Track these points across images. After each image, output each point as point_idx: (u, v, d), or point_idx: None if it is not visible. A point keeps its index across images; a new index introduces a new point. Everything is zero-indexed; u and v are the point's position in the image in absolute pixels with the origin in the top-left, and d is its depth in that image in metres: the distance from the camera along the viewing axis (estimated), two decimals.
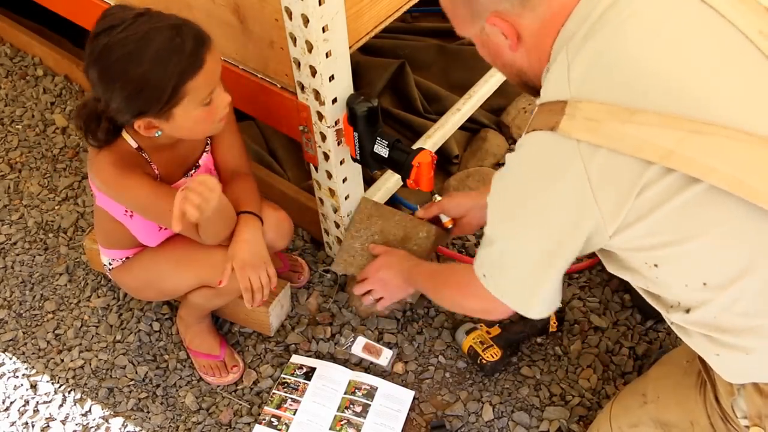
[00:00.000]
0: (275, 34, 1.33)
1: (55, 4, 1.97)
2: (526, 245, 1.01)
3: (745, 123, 0.83)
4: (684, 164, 0.82)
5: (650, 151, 0.83)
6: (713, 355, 0.99)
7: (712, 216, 0.85)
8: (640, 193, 0.86)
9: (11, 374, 1.66)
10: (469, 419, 1.52)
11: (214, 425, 1.55)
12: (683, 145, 0.82)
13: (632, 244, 0.93)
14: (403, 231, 1.61)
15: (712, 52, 0.87)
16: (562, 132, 0.87)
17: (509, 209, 1.02)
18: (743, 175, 0.81)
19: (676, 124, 0.83)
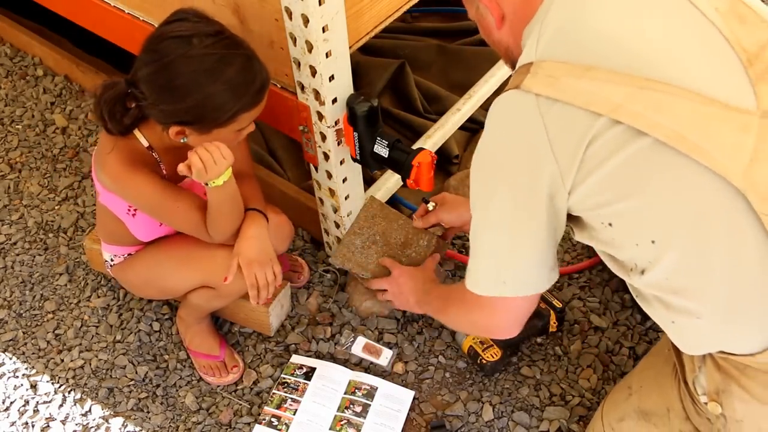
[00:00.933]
0: (275, 34, 1.33)
1: (55, 4, 1.97)
2: (497, 209, 1.03)
3: (692, 83, 0.88)
4: (630, 117, 0.87)
5: (600, 104, 0.88)
6: (670, 323, 1.03)
7: (656, 171, 0.90)
8: (590, 144, 0.90)
9: (11, 374, 1.66)
10: (469, 419, 1.52)
11: (214, 425, 1.55)
12: (631, 100, 0.87)
13: (587, 202, 0.97)
14: (405, 236, 1.62)
15: (665, 21, 0.94)
16: (524, 88, 0.94)
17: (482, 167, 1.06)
18: (686, 131, 0.86)
19: (625, 80, 0.88)
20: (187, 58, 1.19)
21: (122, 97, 1.27)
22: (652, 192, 0.91)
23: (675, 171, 0.89)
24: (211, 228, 1.36)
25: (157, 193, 1.32)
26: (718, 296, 0.95)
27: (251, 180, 1.50)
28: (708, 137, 0.87)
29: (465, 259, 1.77)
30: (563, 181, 0.95)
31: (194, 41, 1.19)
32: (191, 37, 1.19)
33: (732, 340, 1.00)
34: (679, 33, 0.94)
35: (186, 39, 1.19)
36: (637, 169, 0.90)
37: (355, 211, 1.66)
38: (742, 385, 1.02)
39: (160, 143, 1.35)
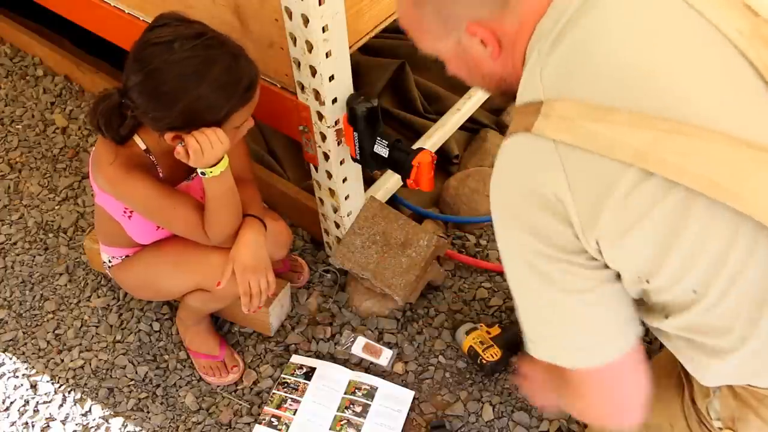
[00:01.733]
0: (275, 34, 1.33)
1: (55, 4, 1.97)
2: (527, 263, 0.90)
3: (721, 123, 0.80)
4: (658, 165, 0.79)
5: (624, 152, 0.80)
6: (689, 360, 0.96)
7: (694, 223, 0.82)
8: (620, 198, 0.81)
9: (11, 374, 1.66)
10: (469, 419, 1.52)
11: (214, 425, 1.55)
12: (657, 146, 0.79)
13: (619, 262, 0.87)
14: (405, 236, 1.62)
15: (688, 50, 0.85)
16: (537, 132, 0.84)
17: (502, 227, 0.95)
18: (719, 177, 0.79)
19: (650, 123, 0.80)
20: (170, 63, 1.18)
21: (117, 108, 1.27)
22: (692, 245, 0.83)
23: (714, 221, 0.81)
24: (209, 227, 1.36)
25: (153, 196, 1.32)
26: (749, 337, 0.88)
27: (251, 185, 1.49)
28: (743, 182, 0.79)
29: (465, 259, 1.77)
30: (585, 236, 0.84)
31: (176, 46, 1.18)
32: (173, 42, 1.18)
33: (758, 377, 0.94)
34: (704, 63, 0.84)
35: (167, 44, 1.18)
36: (674, 224, 0.82)
37: (355, 211, 1.66)
38: (760, 415, 0.98)
39: (157, 147, 1.35)
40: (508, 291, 1.73)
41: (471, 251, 1.81)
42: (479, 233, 1.85)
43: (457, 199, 1.87)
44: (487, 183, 1.86)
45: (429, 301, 1.72)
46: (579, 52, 0.85)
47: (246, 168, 1.50)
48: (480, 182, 1.87)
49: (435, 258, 1.66)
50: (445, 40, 0.94)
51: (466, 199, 1.85)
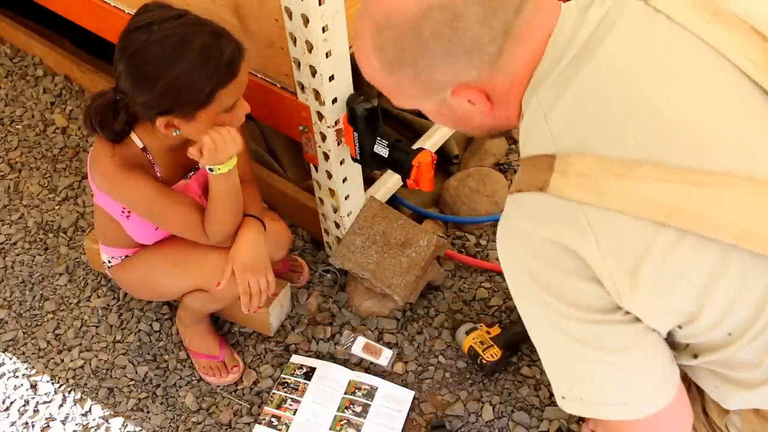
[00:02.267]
0: (275, 34, 1.33)
1: (55, 4, 1.97)
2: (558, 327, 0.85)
3: (747, 168, 0.76)
4: (691, 221, 0.75)
5: (654, 210, 0.75)
6: (713, 388, 0.94)
7: (731, 276, 0.78)
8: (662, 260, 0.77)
9: (11, 374, 1.66)
10: (469, 419, 1.52)
11: (214, 425, 1.55)
12: (688, 200, 0.75)
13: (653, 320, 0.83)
14: (405, 236, 1.62)
15: (703, 89, 0.79)
16: (555, 192, 0.78)
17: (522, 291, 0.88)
18: (754, 226, 0.75)
19: (677, 176, 0.75)
20: (149, 43, 1.18)
21: (112, 105, 1.27)
22: (731, 294, 0.79)
23: (753, 269, 0.78)
24: (209, 224, 1.36)
25: (152, 196, 1.32)
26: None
27: (251, 185, 1.49)
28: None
29: (464, 259, 1.77)
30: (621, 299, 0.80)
31: (154, 27, 1.19)
32: (151, 24, 1.19)
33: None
34: (721, 102, 0.79)
35: (147, 27, 1.19)
36: (714, 276, 0.78)
37: (355, 211, 1.66)
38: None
39: (155, 144, 1.35)
40: (508, 291, 1.73)
41: (471, 251, 1.81)
42: (479, 233, 1.85)
43: (457, 199, 1.87)
44: (487, 183, 1.86)
45: (429, 301, 1.72)
46: (589, 97, 0.80)
47: (246, 168, 1.50)
48: (480, 182, 1.87)
49: (435, 258, 1.66)
50: (427, 101, 0.88)
51: (466, 199, 1.85)
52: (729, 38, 0.80)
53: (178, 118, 1.24)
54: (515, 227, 0.84)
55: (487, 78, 0.83)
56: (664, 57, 0.80)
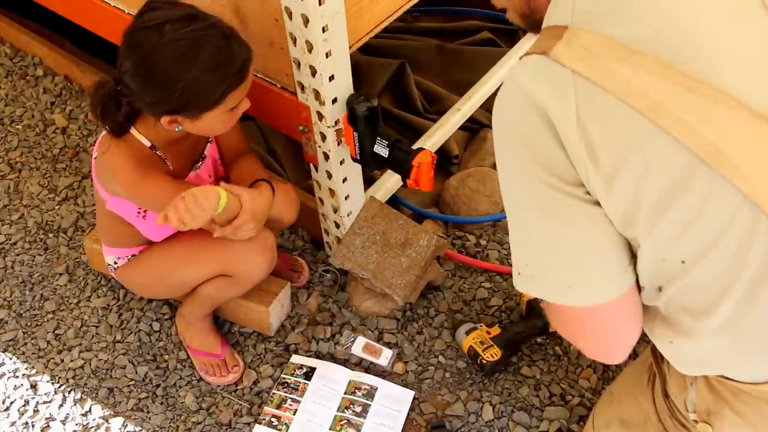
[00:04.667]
0: (275, 34, 1.33)
1: (55, 4, 1.97)
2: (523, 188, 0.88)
3: (742, 91, 0.76)
4: (668, 121, 0.76)
5: (638, 98, 0.76)
6: (667, 343, 0.94)
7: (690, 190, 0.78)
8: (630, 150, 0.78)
9: (11, 374, 1.66)
10: (469, 419, 1.52)
11: (214, 425, 1.55)
12: (674, 101, 0.76)
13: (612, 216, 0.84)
14: (405, 236, 1.62)
15: (721, 4, 0.80)
16: (555, 56, 0.80)
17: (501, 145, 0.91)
18: (727, 147, 0.75)
19: (673, 76, 0.76)
20: (161, 46, 1.18)
21: (113, 95, 1.27)
22: (687, 215, 0.80)
23: (713, 195, 0.77)
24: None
25: (170, 194, 1.31)
26: (731, 321, 0.86)
27: (251, 156, 1.51)
28: (750, 158, 0.76)
29: (464, 259, 1.77)
30: (589, 177, 0.82)
31: (166, 28, 1.18)
32: (163, 25, 1.18)
33: (736, 367, 0.92)
34: (735, 21, 0.80)
35: (158, 27, 1.18)
36: (674, 189, 0.78)
37: (355, 211, 1.66)
38: (735, 410, 0.96)
39: (160, 138, 1.35)
40: (508, 291, 1.73)
41: (471, 251, 1.81)
42: (479, 233, 1.85)
43: (457, 199, 1.87)
44: (488, 183, 1.86)
45: (429, 301, 1.72)
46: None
47: (243, 143, 1.52)
48: (480, 182, 1.87)
49: (435, 258, 1.66)
50: None
51: (466, 199, 1.85)
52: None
53: (182, 117, 1.26)
54: (512, 82, 0.86)
55: None
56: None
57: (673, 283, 0.86)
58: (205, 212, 1.20)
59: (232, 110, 1.29)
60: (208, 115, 1.26)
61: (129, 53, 1.21)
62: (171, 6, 1.23)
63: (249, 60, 1.25)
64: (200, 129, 1.31)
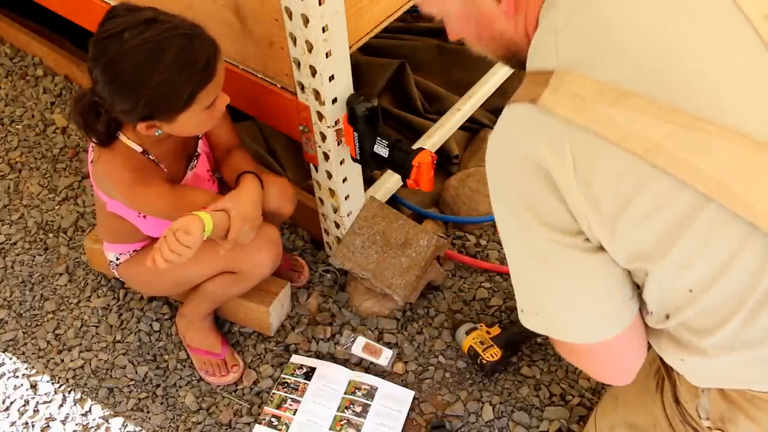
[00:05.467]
0: (275, 34, 1.33)
1: (55, 4, 1.97)
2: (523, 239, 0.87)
3: (743, 123, 0.75)
4: (668, 161, 0.75)
5: (635, 142, 0.75)
6: (678, 361, 0.94)
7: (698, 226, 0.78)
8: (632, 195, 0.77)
9: (11, 374, 1.66)
10: (469, 419, 1.52)
11: (214, 425, 1.55)
12: (671, 140, 0.74)
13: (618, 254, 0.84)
14: (405, 236, 1.62)
15: (712, 38, 0.79)
16: (544, 105, 0.78)
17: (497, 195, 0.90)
18: (731, 181, 0.74)
19: (667, 115, 0.75)
20: (122, 54, 1.17)
21: (92, 106, 1.27)
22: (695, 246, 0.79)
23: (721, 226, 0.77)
24: None
25: (170, 201, 1.33)
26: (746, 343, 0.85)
27: (241, 150, 1.50)
28: (753, 188, 0.74)
29: (464, 259, 1.77)
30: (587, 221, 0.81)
31: (125, 35, 1.17)
32: (122, 33, 1.18)
33: (751, 380, 0.92)
34: (728, 54, 0.78)
35: (118, 35, 1.18)
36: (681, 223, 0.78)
37: (355, 211, 1.66)
38: (750, 416, 0.96)
39: (149, 142, 1.35)
40: (508, 291, 1.73)
41: (471, 251, 1.81)
42: (479, 233, 1.85)
43: (457, 199, 1.87)
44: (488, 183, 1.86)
45: (429, 301, 1.72)
46: (602, 25, 0.79)
47: (234, 137, 1.51)
48: (480, 182, 1.87)
49: (435, 258, 1.66)
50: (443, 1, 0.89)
51: (466, 199, 1.85)
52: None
53: (159, 122, 1.25)
54: (503, 134, 0.86)
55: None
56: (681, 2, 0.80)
57: (681, 311, 0.86)
58: (189, 248, 1.21)
59: (209, 108, 1.27)
60: (183, 116, 1.24)
61: (94, 64, 1.20)
62: (130, 12, 1.21)
63: (215, 56, 1.23)
64: (180, 130, 1.30)
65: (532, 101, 0.79)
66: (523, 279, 0.93)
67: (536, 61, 0.84)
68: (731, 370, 0.90)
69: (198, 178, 1.47)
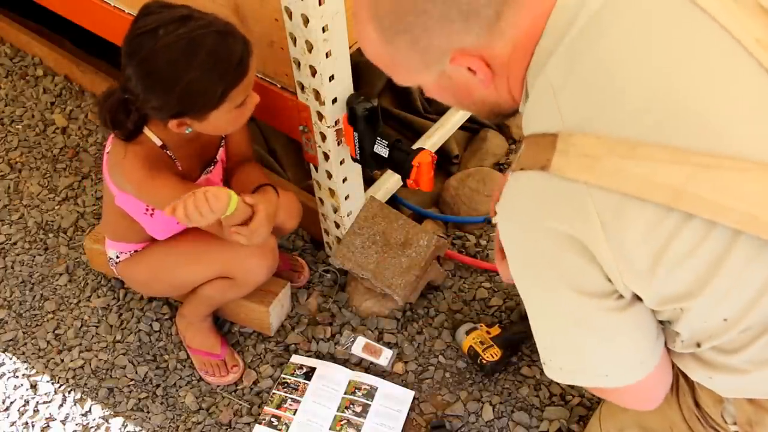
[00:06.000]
0: (275, 34, 1.33)
1: (55, 4, 1.97)
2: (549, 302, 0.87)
3: (755, 152, 0.74)
4: (695, 205, 0.73)
5: (658, 192, 0.74)
6: (707, 379, 0.94)
7: (735, 260, 0.77)
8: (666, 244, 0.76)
9: (11, 374, 1.66)
10: (469, 419, 1.52)
11: (214, 425, 1.55)
12: (692, 183, 0.73)
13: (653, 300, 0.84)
14: (405, 236, 1.62)
15: (713, 71, 0.78)
16: (557, 171, 0.77)
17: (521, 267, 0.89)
18: (760, 212, 0.73)
19: (682, 157, 0.73)
20: (157, 50, 1.18)
21: (122, 104, 1.27)
22: (733, 279, 0.78)
23: (757, 256, 0.76)
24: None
25: (180, 195, 1.31)
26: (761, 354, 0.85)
27: (255, 164, 1.51)
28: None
29: (464, 259, 1.77)
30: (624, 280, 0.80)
31: (160, 32, 1.18)
32: (157, 29, 1.18)
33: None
34: (729, 84, 0.77)
35: (152, 32, 1.18)
36: (716, 260, 0.77)
37: (355, 211, 1.66)
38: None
39: (171, 139, 1.35)
40: (507, 291, 1.73)
41: (471, 251, 1.81)
42: (479, 233, 1.85)
43: (457, 199, 1.87)
44: (487, 183, 1.86)
45: (429, 301, 1.72)
46: (599, 75, 0.78)
47: (250, 152, 1.52)
48: (480, 182, 1.87)
49: (435, 258, 1.66)
50: (426, 74, 0.86)
51: (466, 199, 1.85)
52: (738, 17, 0.79)
53: (190, 119, 1.26)
54: (519, 206, 0.84)
55: (486, 44, 0.81)
56: (675, 37, 0.79)
57: (714, 339, 0.86)
58: (213, 213, 1.19)
59: (239, 107, 1.28)
60: (214, 114, 1.25)
61: (128, 61, 1.21)
62: (164, 9, 1.22)
63: (248, 55, 1.23)
64: (210, 128, 1.31)
65: (543, 168, 0.78)
66: (547, 339, 0.93)
67: (537, 124, 0.82)
68: (762, 383, 0.89)
69: (210, 183, 1.47)
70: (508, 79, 0.86)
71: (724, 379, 0.91)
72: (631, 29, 0.79)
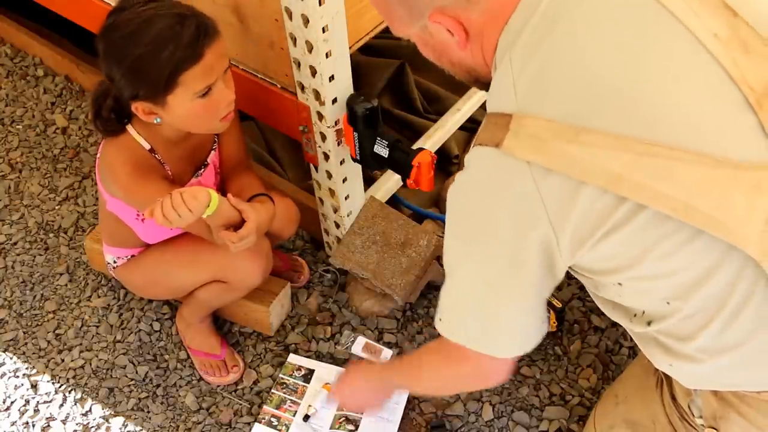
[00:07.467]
0: (275, 34, 1.33)
1: (55, 4, 1.97)
2: (477, 267, 0.92)
3: (698, 143, 0.77)
4: (631, 190, 0.77)
5: (597, 175, 0.78)
6: (667, 366, 0.96)
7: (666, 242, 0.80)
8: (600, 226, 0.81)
9: (12, 374, 1.66)
10: (469, 419, 1.52)
11: (214, 425, 1.55)
12: (631, 169, 0.77)
13: (591, 268, 0.88)
14: (405, 236, 1.62)
15: (663, 62, 0.80)
16: (507, 150, 0.81)
17: (458, 230, 0.94)
18: (696, 201, 0.76)
19: (623, 145, 0.77)
20: (115, 26, 1.20)
21: (107, 93, 1.28)
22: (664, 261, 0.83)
23: (691, 245, 0.80)
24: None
25: None
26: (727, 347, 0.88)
27: (250, 172, 1.50)
28: (720, 205, 0.77)
29: None
30: (560, 251, 0.85)
31: (123, 11, 1.20)
32: (124, 8, 1.21)
33: (737, 383, 0.94)
34: (680, 76, 0.80)
35: (120, 10, 1.21)
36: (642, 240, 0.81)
37: (355, 211, 1.66)
38: (741, 413, 0.98)
39: (159, 141, 1.35)
40: None
41: None
42: None
43: None
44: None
45: (429, 301, 1.72)
46: (551, 63, 0.82)
47: (245, 158, 1.51)
48: None
49: (435, 258, 1.66)
50: (411, 26, 0.93)
51: None
52: (698, 13, 0.81)
53: (151, 104, 1.24)
54: (474, 177, 0.89)
55: (463, 7, 0.86)
56: (628, 29, 0.82)
57: (661, 321, 0.90)
58: (191, 213, 1.18)
59: (203, 97, 1.24)
60: (172, 101, 1.22)
61: (98, 37, 1.23)
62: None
63: (204, 37, 1.19)
64: (178, 120, 1.27)
65: (497, 146, 0.83)
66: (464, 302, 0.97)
67: (498, 103, 0.87)
68: (717, 374, 0.92)
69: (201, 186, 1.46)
70: (482, 46, 0.90)
71: (682, 366, 0.94)
72: (587, 18, 0.82)
